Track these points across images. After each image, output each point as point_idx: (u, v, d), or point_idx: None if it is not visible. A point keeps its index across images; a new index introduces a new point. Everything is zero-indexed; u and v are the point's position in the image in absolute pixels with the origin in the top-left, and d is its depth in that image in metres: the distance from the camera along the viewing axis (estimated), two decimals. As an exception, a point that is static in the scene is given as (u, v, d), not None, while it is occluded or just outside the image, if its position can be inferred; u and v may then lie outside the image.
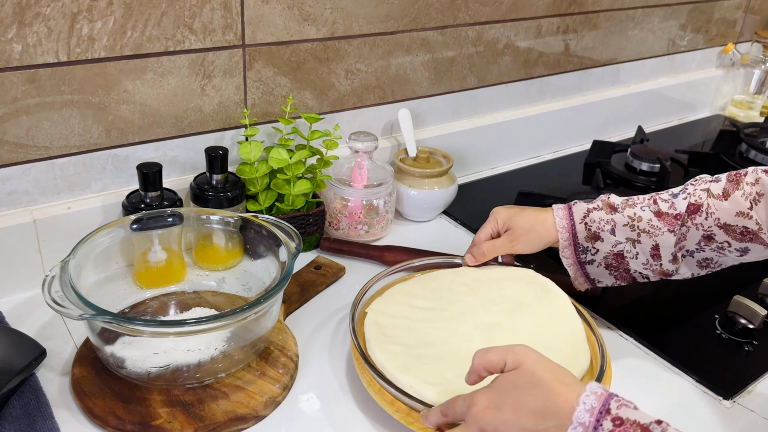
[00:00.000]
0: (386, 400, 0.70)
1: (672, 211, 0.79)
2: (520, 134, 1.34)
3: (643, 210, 0.80)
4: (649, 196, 0.82)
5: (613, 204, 0.82)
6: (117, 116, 0.88)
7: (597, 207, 0.82)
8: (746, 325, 0.88)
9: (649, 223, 0.79)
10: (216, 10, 0.89)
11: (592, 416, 0.52)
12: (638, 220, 0.80)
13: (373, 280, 0.86)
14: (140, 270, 0.84)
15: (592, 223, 0.82)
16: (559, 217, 0.83)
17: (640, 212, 0.80)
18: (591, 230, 0.82)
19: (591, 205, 0.83)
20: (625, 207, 0.81)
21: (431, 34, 1.13)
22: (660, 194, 0.81)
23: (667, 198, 0.80)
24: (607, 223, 0.81)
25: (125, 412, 0.68)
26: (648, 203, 0.80)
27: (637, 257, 0.81)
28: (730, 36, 1.72)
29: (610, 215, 0.81)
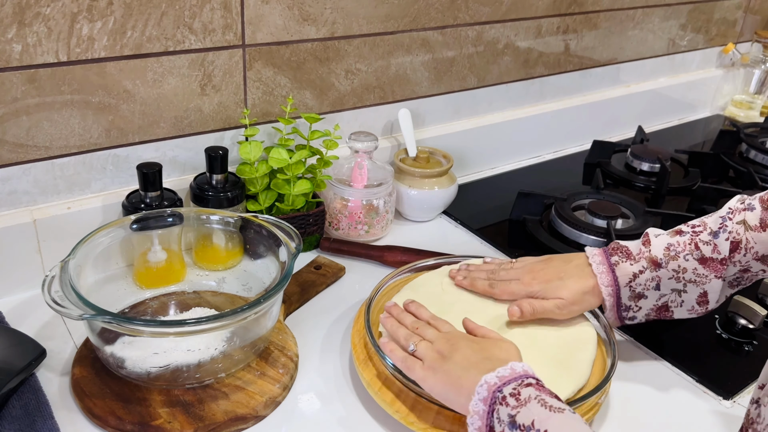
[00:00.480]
0: (386, 400, 0.70)
1: (717, 256, 0.74)
2: (520, 134, 1.34)
3: (686, 260, 0.75)
4: (689, 239, 0.76)
5: (656, 259, 0.76)
6: (117, 116, 0.88)
7: (643, 269, 0.77)
8: (746, 325, 0.88)
9: (695, 272, 0.75)
10: (216, 10, 0.89)
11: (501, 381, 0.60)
12: (683, 272, 0.76)
13: (387, 277, 0.86)
14: (140, 270, 0.84)
15: (638, 285, 0.77)
16: (603, 285, 0.78)
17: (684, 263, 0.75)
18: (635, 291, 0.78)
19: (636, 267, 0.77)
20: (669, 260, 0.76)
21: (431, 34, 1.13)
22: (699, 235, 0.76)
23: (708, 240, 0.75)
24: (652, 280, 0.77)
25: (125, 412, 0.68)
26: (690, 249, 0.75)
27: (682, 305, 0.78)
28: (730, 36, 1.72)
29: (654, 272, 0.77)
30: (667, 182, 1.27)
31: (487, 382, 0.60)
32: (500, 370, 0.61)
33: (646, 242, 0.78)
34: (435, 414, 0.69)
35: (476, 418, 0.60)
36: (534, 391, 0.58)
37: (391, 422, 0.71)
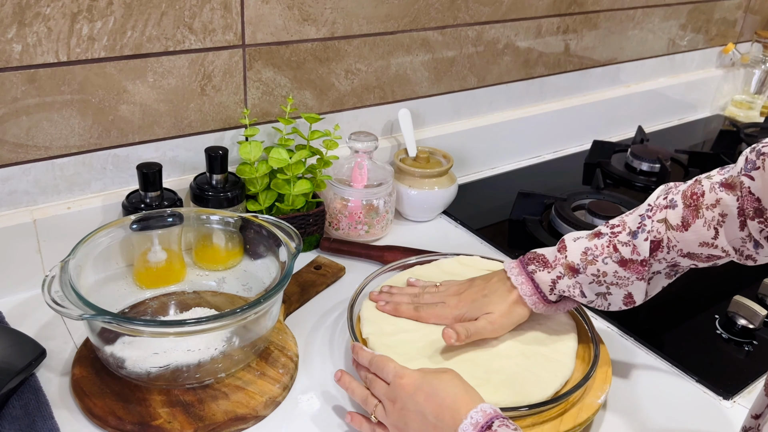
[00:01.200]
0: (386, 400, 0.70)
1: (636, 257, 0.71)
2: (520, 134, 1.34)
3: (605, 263, 0.73)
4: (607, 241, 0.73)
5: (572, 265, 0.74)
6: (117, 116, 0.88)
7: (560, 275, 0.75)
8: (746, 325, 0.88)
9: (615, 275, 0.73)
10: (216, 10, 0.89)
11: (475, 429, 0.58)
12: (603, 275, 0.73)
13: (370, 278, 0.86)
14: (140, 270, 0.84)
15: (562, 292, 0.76)
16: (526, 295, 0.76)
17: (603, 266, 0.73)
18: (559, 296, 0.77)
19: (553, 274, 0.75)
20: (586, 265, 0.73)
21: (431, 34, 1.13)
22: (618, 236, 0.73)
23: (626, 240, 0.72)
24: (574, 287, 0.75)
25: (125, 412, 0.68)
26: (609, 252, 0.73)
27: (610, 307, 0.76)
28: (730, 36, 1.72)
29: (573, 279, 0.74)
30: (667, 182, 1.26)
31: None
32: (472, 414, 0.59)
33: (562, 248, 0.76)
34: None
35: None
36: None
37: (391, 422, 0.71)
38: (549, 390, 0.70)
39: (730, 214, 0.67)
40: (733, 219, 0.67)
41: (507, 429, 0.57)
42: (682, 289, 0.97)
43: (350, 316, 0.79)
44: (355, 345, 0.73)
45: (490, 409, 0.60)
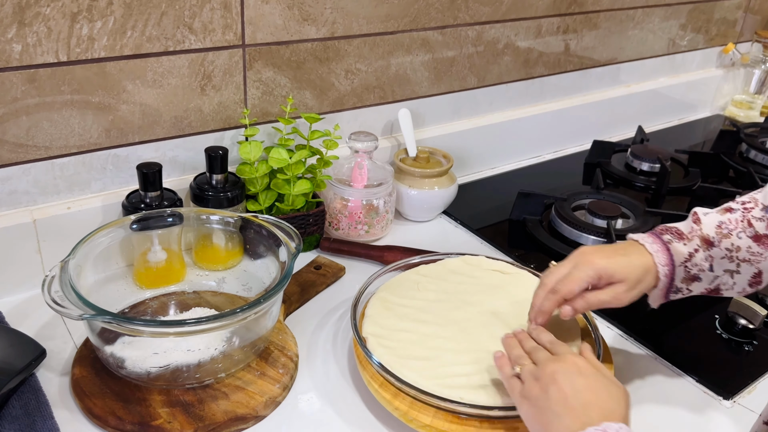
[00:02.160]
0: (386, 398, 0.70)
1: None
2: (520, 134, 1.34)
3: (740, 237, 0.72)
4: (741, 216, 0.73)
5: (708, 238, 0.73)
6: (117, 116, 0.88)
7: (696, 248, 0.73)
8: (746, 325, 0.88)
9: (749, 250, 0.72)
10: (216, 10, 0.89)
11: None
12: (737, 251, 0.72)
13: (373, 277, 0.86)
14: (140, 270, 0.84)
15: (693, 266, 0.74)
16: (661, 264, 0.73)
17: (737, 241, 0.72)
18: (690, 273, 0.75)
19: (690, 246, 0.73)
20: (721, 239, 0.73)
21: (431, 34, 1.13)
22: (751, 211, 0.73)
23: (761, 215, 0.72)
24: (706, 260, 0.74)
25: (125, 412, 0.68)
26: (743, 227, 0.72)
27: (734, 287, 0.75)
28: (730, 36, 1.72)
29: (707, 251, 0.73)
30: (667, 182, 1.27)
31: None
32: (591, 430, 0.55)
33: (697, 220, 0.74)
34: (434, 411, 0.69)
35: None
36: None
37: (391, 421, 0.71)
38: None
39: None
40: None
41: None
42: (682, 289, 0.98)
43: (354, 314, 0.79)
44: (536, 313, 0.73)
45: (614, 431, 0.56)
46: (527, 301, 0.82)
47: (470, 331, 0.79)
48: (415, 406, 0.69)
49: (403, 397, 0.70)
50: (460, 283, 0.86)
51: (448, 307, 0.82)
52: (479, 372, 0.72)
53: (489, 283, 0.87)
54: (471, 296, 0.84)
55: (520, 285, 0.86)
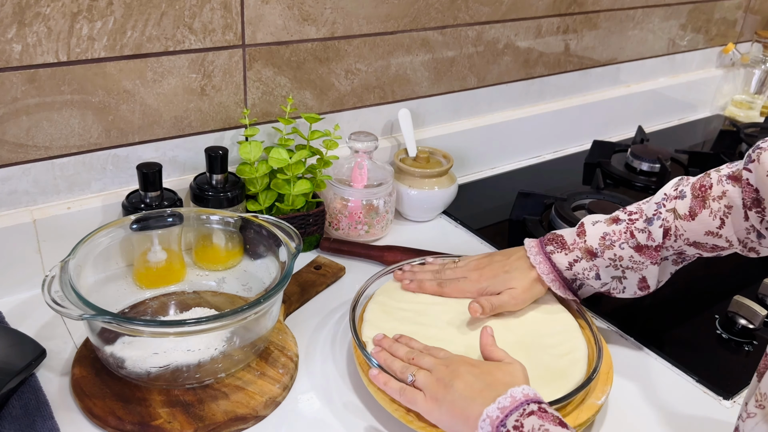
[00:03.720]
0: (386, 399, 0.70)
1: (651, 243, 0.76)
2: (520, 134, 1.34)
3: (622, 248, 0.78)
4: (624, 227, 0.78)
5: (591, 249, 0.79)
6: (117, 116, 0.88)
7: (578, 258, 0.80)
8: (746, 325, 0.88)
9: (631, 259, 0.78)
10: (216, 10, 0.89)
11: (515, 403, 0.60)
12: (620, 260, 0.78)
13: (372, 279, 0.86)
14: (140, 270, 0.84)
15: (576, 274, 0.81)
16: (544, 274, 0.81)
17: (620, 251, 0.78)
18: (576, 280, 0.83)
19: (571, 256, 0.80)
20: (604, 250, 0.78)
21: (431, 34, 1.13)
22: (635, 223, 0.78)
23: (643, 227, 0.77)
24: (590, 270, 0.80)
25: (125, 412, 0.68)
26: (626, 238, 0.78)
27: (624, 291, 0.81)
28: (730, 36, 1.72)
29: (591, 262, 0.79)
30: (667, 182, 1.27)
31: (489, 416, 0.59)
32: (500, 399, 0.60)
33: (581, 233, 0.80)
34: (435, 414, 0.69)
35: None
36: (537, 421, 0.57)
37: (391, 421, 0.71)
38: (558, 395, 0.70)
39: (735, 205, 0.72)
40: (738, 210, 0.72)
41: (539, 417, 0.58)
42: (682, 289, 0.98)
43: (352, 318, 0.79)
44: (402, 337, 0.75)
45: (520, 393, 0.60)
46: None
47: (469, 333, 0.79)
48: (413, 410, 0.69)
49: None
50: None
51: (447, 309, 0.82)
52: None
53: None
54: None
55: None
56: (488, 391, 0.62)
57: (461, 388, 0.63)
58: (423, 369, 0.68)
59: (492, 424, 0.59)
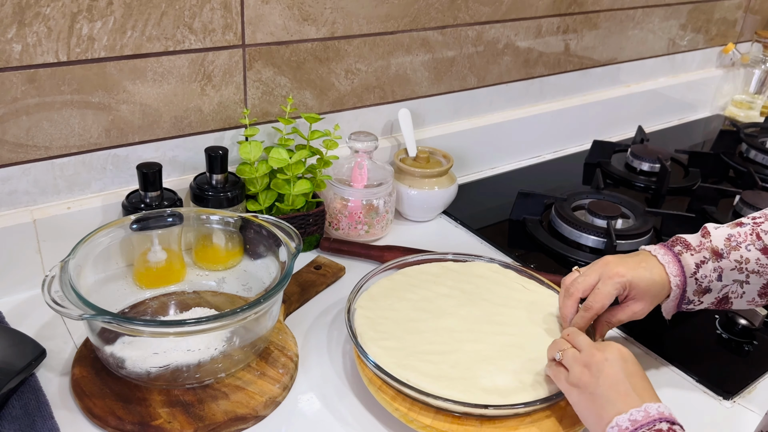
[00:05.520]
0: (386, 399, 0.70)
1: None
2: (520, 134, 1.34)
3: (749, 250, 0.75)
4: (750, 229, 0.76)
5: (717, 250, 0.76)
6: (117, 116, 0.88)
7: (705, 259, 0.76)
8: (746, 325, 0.88)
9: (758, 262, 0.75)
10: (216, 10, 0.89)
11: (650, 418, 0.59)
12: (746, 262, 0.76)
13: (366, 277, 0.86)
14: (140, 270, 0.84)
15: (703, 278, 0.77)
16: (672, 275, 0.77)
17: (746, 253, 0.75)
18: (702, 286, 0.77)
19: (698, 257, 0.77)
20: (730, 251, 0.76)
21: (431, 34, 1.13)
22: (761, 225, 0.76)
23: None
24: (714, 271, 0.76)
25: (125, 412, 0.68)
26: (752, 240, 0.76)
27: (743, 296, 0.78)
28: (730, 36, 1.72)
29: (716, 263, 0.76)
30: (667, 182, 1.27)
31: (618, 425, 0.59)
32: (633, 411, 0.60)
33: (706, 234, 0.78)
34: (435, 412, 0.69)
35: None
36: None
37: (391, 421, 0.71)
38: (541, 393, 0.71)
39: None
40: None
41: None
42: (682, 289, 0.97)
43: (348, 310, 0.79)
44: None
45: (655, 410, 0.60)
46: (538, 303, 0.83)
47: (473, 330, 0.79)
48: (416, 407, 0.69)
49: (404, 398, 0.70)
50: (477, 286, 0.86)
51: (454, 304, 0.83)
52: (488, 369, 0.72)
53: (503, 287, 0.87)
54: (483, 296, 0.84)
55: (538, 298, 0.86)
56: (629, 398, 0.61)
57: (606, 385, 0.63)
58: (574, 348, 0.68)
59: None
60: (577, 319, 0.76)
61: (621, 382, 0.62)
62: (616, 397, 0.62)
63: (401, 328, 0.78)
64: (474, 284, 0.86)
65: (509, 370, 0.72)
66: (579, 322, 0.76)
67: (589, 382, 0.64)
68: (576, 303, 0.77)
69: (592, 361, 0.65)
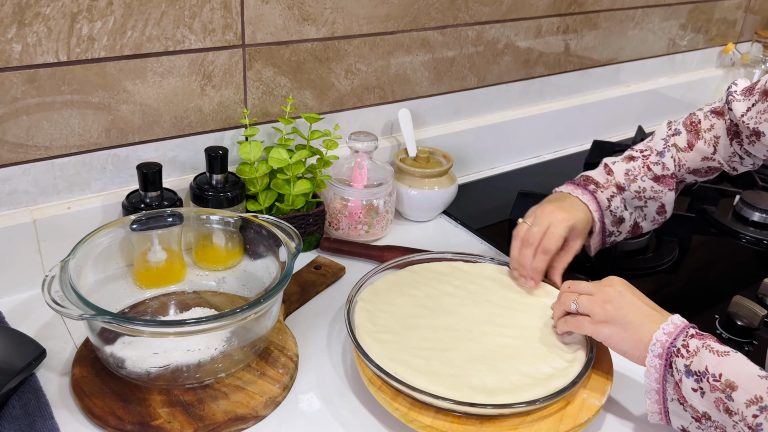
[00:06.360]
0: (386, 398, 0.70)
1: (666, 172, 0.91)
2: (520, 134, 1.34)
3: (643, 180, 0.91)
4: (641, 163, 0.92)
5: (620, 184, 0.91)
6: (117, 116, 0.88)
7: (614, 193, 0.91)
8: (746, 325, 0.88)
9: (652, 189, 0.91)
10: (216, 10, 0.89)
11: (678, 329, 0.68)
12: (643, 191, 0.91)
13: (367, 276, 0.86)
14: (140, 270, 0.84)
15: (616, 209, 0.91)
16: (593, 211, 0.90)
17: (642, 183, 0.91)
18: (616, 216, 0.92)
19: (608, 193, 0.91)
20: (629, 183, 0.91)
21: (431, 34, 1.13)
22: (648, 157, 0.92)
23: (656, 160, 0.92)
24: (621, 202, 0.91)
25: (125, 412, 0.68)
26: (644, 172, 0.91)
27: (646, 218, 0.94)
28: (730, 36, 1.72)
29: (621, 195, 0.91)
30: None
31: (659, 340, 0.67)
32: (664, 326, 0.68)
33: (609, 171, 0.92)
34: (435, 412, 0.69)
35: (653, 371, 0.68)
36: (698, 342, 0.65)
37: (391, 421, 0.71)
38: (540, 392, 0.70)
39: (722, 135, 0.91)
40: (724, 139, 0.91)
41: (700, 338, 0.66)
42: (682, 289, 0.98)
43: (348, 309, 0.79)
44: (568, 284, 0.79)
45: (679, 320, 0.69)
46: (542, 307, 0.83)
47: (472, 330, 0.79)
48: (416, 407, 0.69)
49: (404, 398, 0.70)
50: (483, 287, 0.86)
51: (456, 303, 0.83)
52: (479, 368, 0.72)
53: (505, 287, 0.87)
54: (487, 297, 0.85)
55: (543, 302, 0.85)
56: (653, 316, 0.69)
57: (632, 312, 0.70)
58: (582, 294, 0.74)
59: (662, 346, 0.67)
60: (538, 263, 0.85)
61: (640, 306, 0.71)
62: (644, 319, 0.69)
63: (399, 323, 0.78)
64: (480, 285, 0.87)
65: (501, 371, 0.72)
66: (539, 266, 0.85)
67: (617, 314, 0.70)
68: (534, 251, 0.85)
69: (608, 297, 0.72)
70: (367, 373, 0.73)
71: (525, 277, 0.86)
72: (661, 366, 0.67)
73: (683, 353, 0.65)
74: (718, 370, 0.63)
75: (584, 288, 0.75)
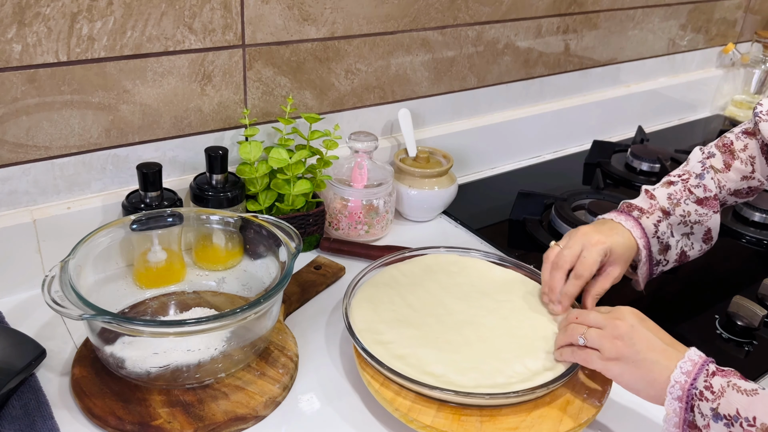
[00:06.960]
0: (386, 399, 0.70)
1: (708, 194, 0.87)
2: (520, 134, 1.34)
3: (687, 204, 0.86)
4: (682, 186, 0.88)
5: (664, 208, 0.86)
6: (117, 116, 0.88)
7: (659, 218, 0.86)
8: (746, 325, 0.88)
9: (697, 213, 0.87)
10: (216, 10, 0.89)
11: (696, 364, 0.63)
12: (688, 215, 0.86)
13: (362, 272, 0.86)
14: (140, 270, 0.84)
15: (663, 236, 0.86)
16: (638, 238, 0.84)
17: (686, 207, 0.86)
18: (663, 243, 0.86)
19: (653, 218, 0.85)
20: (674, 207, 0.86)
21: (431, 34, 1.13)
22: (688, 181, 0.88)
23: (697, 183, 0.88)
24: (668, 227, 0.86)
25: (125, 412, 0.68)
26: (687, 195, 0.87)
27: (693, 247, 0.89)
28: (730, 36, 1.72)
29: (667, 220, 0.86)
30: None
31: (677, 382, 0.62)
32: (681, 364, 0.63)
33: (651, 196, 0.88)
34: (435, 412, 0.69)
35: (673, 415, 0.62)
36: (722, 380, 0.61)
37: (391, 421, 0.71)
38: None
39: (757, 154, 0.89)
40: (760, 157, 0.89)
41: (722, 375, 0.62)
42: (682, 290, 0.98)
43: (345, 307, 0.79)
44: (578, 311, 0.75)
45: (696, 356, 0.64)
46: (513, 301, 0.83)
47: (472, 324, 0.79)
48: (416, 407, 0.69)
49: (404, 398, 0.70)
50: (488, 284, 0.87)
51: (452, 299, 0.83)
52: (479, 364, 0.72)
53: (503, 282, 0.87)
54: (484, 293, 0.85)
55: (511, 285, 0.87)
56: (668, 353, 0.64)
57: (645, 349, 0.65)
58: (591, 327, 0.70)
59: (682, 388, 0.62)
60: (569, 288, 0.80)
61: (654, 341, 0.66)
62: (658, 357, 0.64)
63: (399, 320, 0.78)
64: (484, 281, 0.87)
65: (505, 363, 0.73)
66: (571, 290, 0.80)
67: (628, 351, 0.66)
68: (565, 274, 0.81)
69: (619, 332, 0.67)
70: (367, 372, 0.73)
71: (554, 302, 0.81)
72: (681, 409, 0.62)
73: (707, 396, 0.60)
74: (751, 412, 0.58)
75: (593, 320, 0.70)
